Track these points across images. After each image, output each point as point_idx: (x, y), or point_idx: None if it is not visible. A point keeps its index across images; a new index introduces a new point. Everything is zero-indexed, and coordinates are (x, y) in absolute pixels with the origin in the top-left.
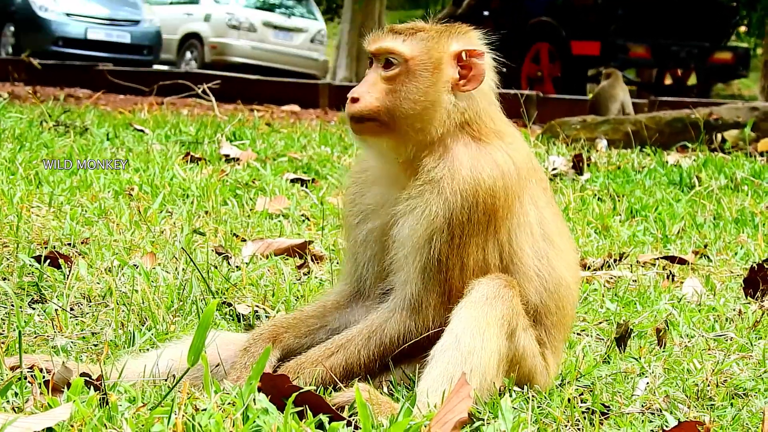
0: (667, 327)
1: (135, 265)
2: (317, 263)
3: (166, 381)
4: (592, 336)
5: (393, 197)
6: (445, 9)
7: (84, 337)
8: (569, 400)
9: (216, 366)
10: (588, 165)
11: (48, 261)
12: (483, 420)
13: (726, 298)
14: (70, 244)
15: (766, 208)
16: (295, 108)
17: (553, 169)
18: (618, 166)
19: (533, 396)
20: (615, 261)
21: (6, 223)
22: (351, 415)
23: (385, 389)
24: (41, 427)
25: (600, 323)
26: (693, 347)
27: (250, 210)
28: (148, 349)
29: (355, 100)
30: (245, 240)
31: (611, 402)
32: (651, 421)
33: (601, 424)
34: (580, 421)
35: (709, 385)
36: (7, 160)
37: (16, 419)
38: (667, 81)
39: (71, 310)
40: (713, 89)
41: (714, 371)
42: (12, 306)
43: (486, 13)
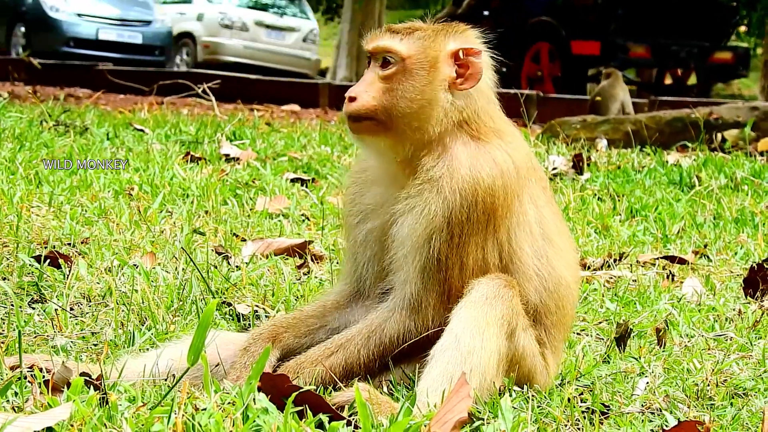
0: (667, 327)
1: (135, 265)
2: (317, 263)
3: (165, 381)
4: (591, 336)
5: (392, 197)
6: (445, 9)
7: (84, 337)
8: (569, 399)
9: (216, 366)
10: (588, 165)
11: (48, 261)
12: (483, 420)
13: (726, 297)
14: (70, 243)
15: (766, 207)
16: (295, 108)
17: (553, 169)
18: (618, 165)
19: (533, 396)
20: (615, 261)
21: (6, 223)
22: (351, 415)
23: (385, 389)
24: (41, 427)
25: (600, 323)
26: (693, 347)
27: (250, 210)
28: (147, 349)
29: (353, 99)
30: (245, 240)
31: (611, 402)
32: (651, 421)
33: (601, 423)
34: (579, 421)
35: (709, 385)
36: (7, 159)
37: (16, 419)
38: (667, 81)
39: (71, 309)
40: (713, 89)
41: (714, 371)
42: (12, 306)
43: (486, 13)
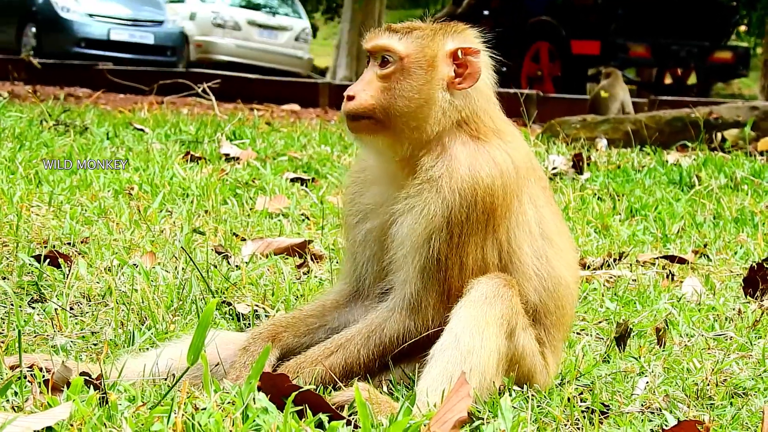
0: (667, 326)
1: (135, 265)
2: (317, 262)
3: (165, 380)
4: (591, 335)
5: (392, 196)
6: (445, 8)
7: (84, 337)
8: (569, 399)
9: (216, 365)
10: (588, 164)
11: (48, 260)
12: (482, 419)
13: (725, 297)
14: (69, 243)
15: (765, 207)
16: (295, 107)
17: (553, 169)
18: (618, 165)
19: (533, 395)
20: (615, 260)
21: (6, 223)
22: (350, 415)
23: (385, 388)
24: (41, 426)
25: (600, 322)
26: (692, 346)
27: (249, 209)
28: (147, 349)
29: (351, 97)
30: (245, 239)
31: (611, 401)
32: (651, 421)
33: (601, 423)
34: (579, 421)
35: (709, 385)
36: (7, 159)
37: (15, 418)
38: (667, 80)
39: (71, 309)
40: (713, 88)
41: (714, 370)
42: (12, 305)
43: (486, 13)
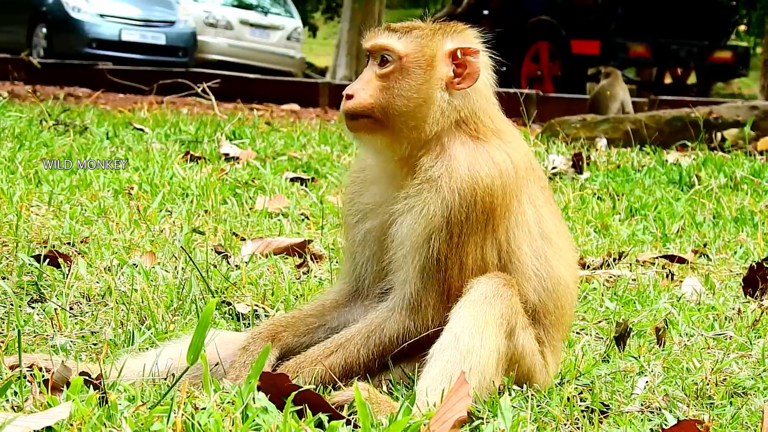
0: (667, 326)
1: (134, 264)
2: (316, 262)
3: (165, 380)
4: (591, 335)
5: (391, 196)
6: (445, 8)
7: (83, 336)
8: (568, 398)
9: (215, 365)
10: (587, 164)
11: (47, 260)
12: (482, 419)
13: (725, 297)
14: (69, 243)
15: (765, 206)
16: (295, 107)
17: (553, 168)
18: (617, 164)
19: (532, 395)
20: (614, 260)
21: (5, 222)
22: (350, 414)
23: (385, 388)
24: (41, 426)
25: (599, 322)
26: (692, 346)
27: (249, 209)
28: (147, 348)
29: (350, 96)
30: (245, 239)
31: (610, 401)
32: (650, 420)
33: (601, 422)
34: (579, 420)
35: (709, 384)
36: (7, 159)
37: (15, 418)
38: (667, 80)
39: (70, 309)
40: (713, 88)
41: (713, 370)
42: (11, 305)
43: (486, 12)
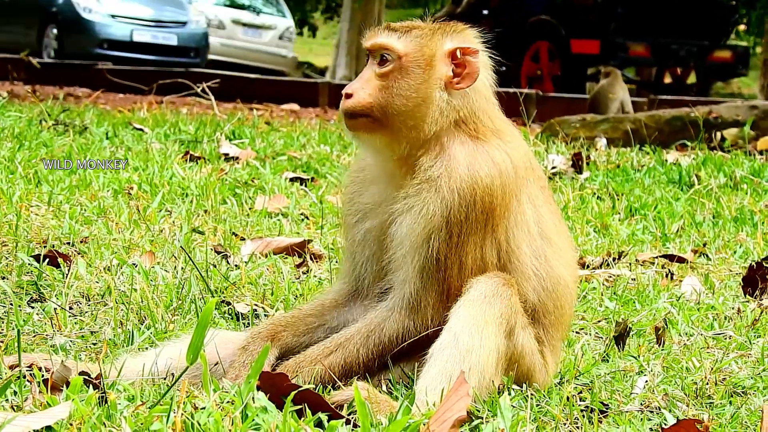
0: (666, 325)
1: (134, 264)
2: (316, 262)
3: (165, 379)
4: (591, 334)
5: (391, 196)
6: (444, 8)
7: (83, 336)
8: (568, 398)
9: (215, 364)
10: (587, 163)
11: (47, 260)
12: (482, 418)
13: (725, 296)
14: (69, 243)
15: (765, 206)
16: (295, 107)
17: (553, 168)
18: (617, 164)
19: (532, 394)
20: (614, 259)
21: (5, 222)
22: (350, 414)
23: (384, 388)
24: (40, 426)
25: (599, 322)
26: (692, 346)
27: (249, 209)
28: (147, 348)
29: (349, 95)
30: (244, 239)
31: (610, 400)
32: (650, 420)
33: (600, 422)
34: (579, 420)
35: (708, 384)
36: (7, 159)
37: (15, 418)
38: (667, 79)
39: (70, 308)
40: (713, 88)
41: (713, 369)
42: (11, 305)
43: (485, 12)
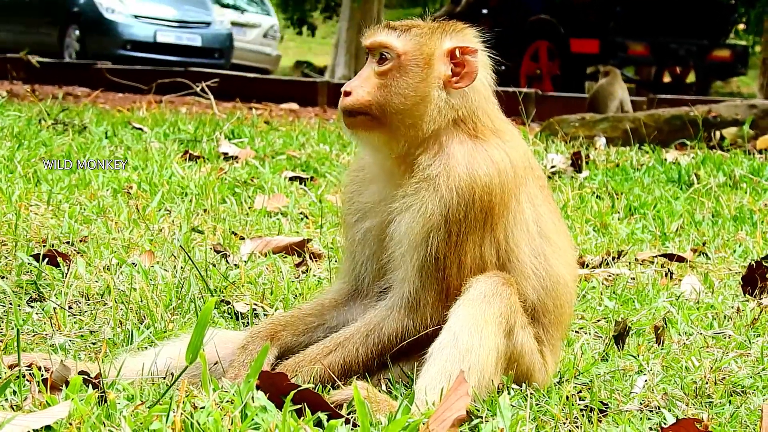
0: (666, 325)
1: (133, 264)
2: (316, 261)
3: (164, 379)
4: (590, 334)
5: (390, 195)
6: (444, 7)
7: (82, 336)
8: (567, 397)
9: (214, 364)
10: (587, 163)
11: (46, 259)
12: (481, 418)
13: (724, 295)
14: (68, 242)
15: (764, 205)
16: (294, 106)
17: (552, 167)
18: (617, 163)
19: (531, 393)
20: (613, 259)
21: (4, 222)
22: (349, 413)
23: (384, 387)
24: (40, 425)
25: (598, 321)
26: (691, 345)
27: (248, 208)
28: (146, 348)
29: (348, 93)
30: (244, 238)
31: (609, 399)
32: (649, 419)
33: (600, 421)
34: (578, 419)
35: (708, 383)
36: (6, 158)
37: (14, 417)
38: (666, 79)
39: (70, 308)
40: (712, 87)
41: (712, 369)
42: (10, 304)
43: (485, 11)
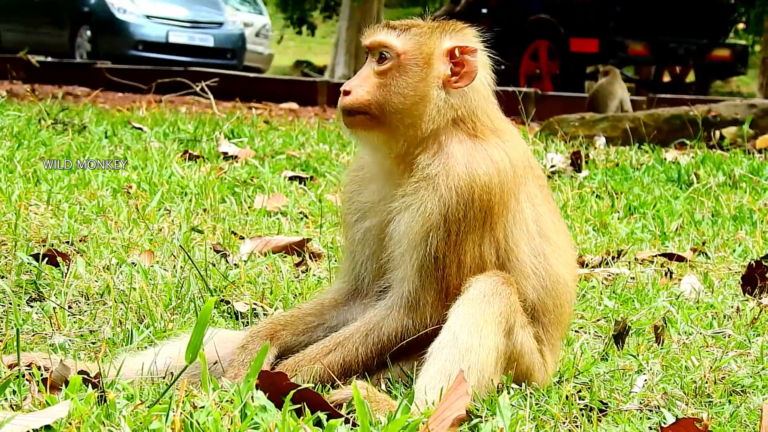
0: (665, 324)
1: (133, 263)
2: (315, 261)
3: (164, 378)
4: (590, 333)
5: (389, 194)
6: (444, 6)
7: (82, 335)
8: (567, 397)
9: (214, 363)
10: (586, 162)
11: (46, 259)
12: (481, 417)
13: (724, 295)
14: (68, 242)
15: (764, 204)
16: (294, 105)
17: (552, 167)
18: (616, 163)
19: (531, 393)
20: (613, 258)
21: (4, 221)
22: (349, 413)
23: (383, 386)
24: (39, 425)
25: (598, 320)
26: (691, 344)
27: (248, 207)
28: (146, 347)
29: (347, 93)
30: (243, 238)
31: (609, 399)
32: (649, 418)
33: (599, 421)
34: (578, 418)
35: (707, 382)
36: (6, 158)
37: (14, 417)
38: (666, 78)
39: (69, 308)
40: (711, 86)
41: (712, 368)
42: (10, 304)
43: (484, 11)
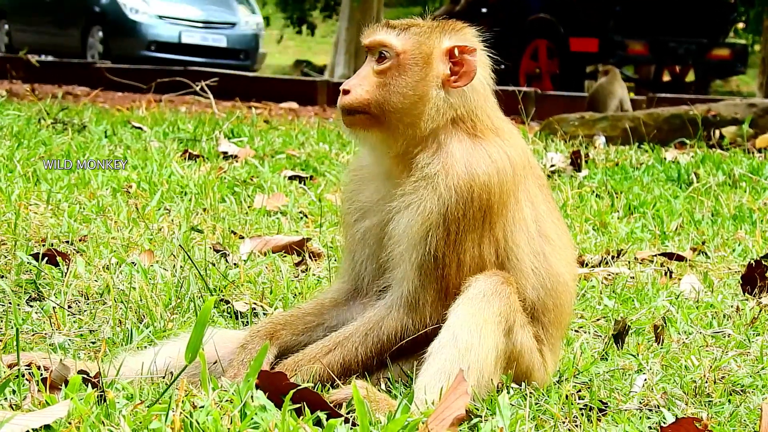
0: (665, 324)
1: (133, 263)
2: (315, 260)
3: (163, 378)
4: (589, 333)
5: (389, 193)
6: (443, 6)
7: (82, 335)
8: (567, 396)
9: (214, 363)
10: (586, 161)
11: (46, 258)
12: (480, 417)
13: (724, 294)
14: (68, 241)
15: (764, 204)
16: (293, 105)
17: (551, 166)
18: (616, 162)
19: (531, 393)
20: (613, 258)
21: (4, 221)
22: (349, 412)
23: (383, 386)
24: (39, 425)
25: (598, 320)
26: (691, 344)
27: (248, 207)
28: (145, 347)
29: (347, 92)
30: (243, 237)
31: (609, 399)
32: (649, 418)
33: (599, 420)
34: (577, 418)
35: (707, 382)
36: (5, 157)
37: (13, 416)
38: (666, 78)
39: (69, 307)
40: (711, 86)
41: (712, 368)
42: (10, 303)
43: (484, 10)
